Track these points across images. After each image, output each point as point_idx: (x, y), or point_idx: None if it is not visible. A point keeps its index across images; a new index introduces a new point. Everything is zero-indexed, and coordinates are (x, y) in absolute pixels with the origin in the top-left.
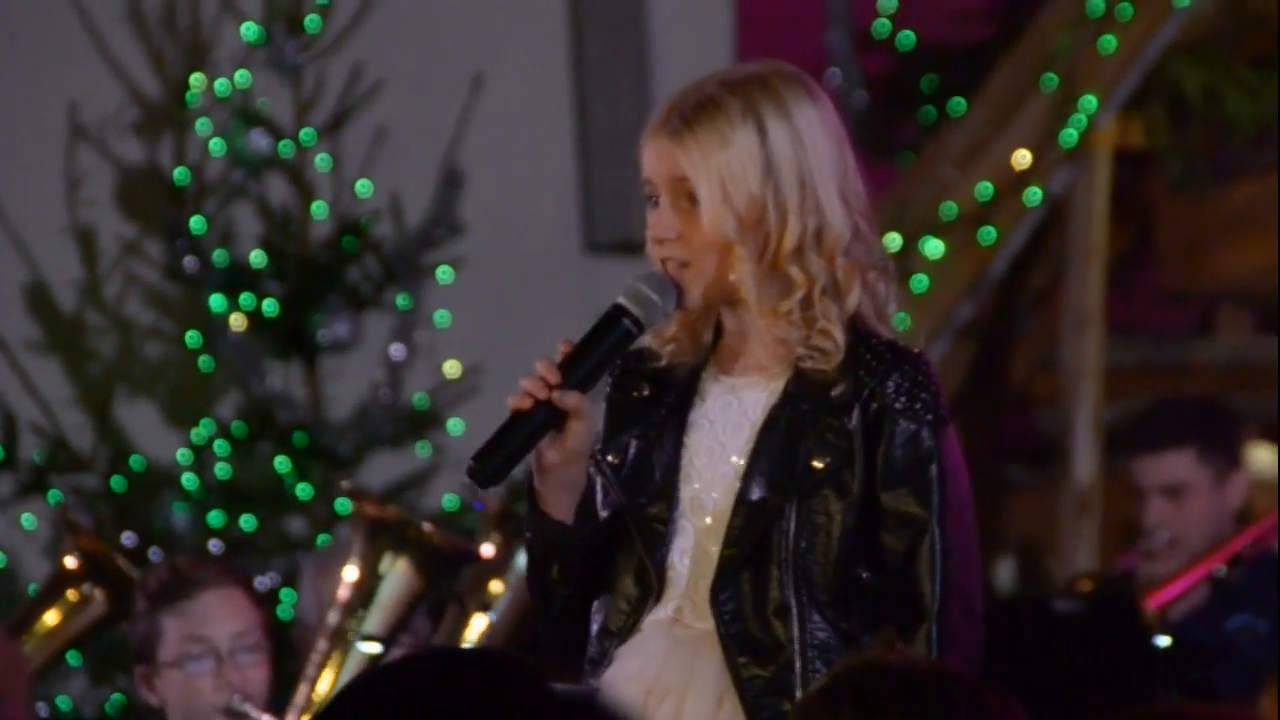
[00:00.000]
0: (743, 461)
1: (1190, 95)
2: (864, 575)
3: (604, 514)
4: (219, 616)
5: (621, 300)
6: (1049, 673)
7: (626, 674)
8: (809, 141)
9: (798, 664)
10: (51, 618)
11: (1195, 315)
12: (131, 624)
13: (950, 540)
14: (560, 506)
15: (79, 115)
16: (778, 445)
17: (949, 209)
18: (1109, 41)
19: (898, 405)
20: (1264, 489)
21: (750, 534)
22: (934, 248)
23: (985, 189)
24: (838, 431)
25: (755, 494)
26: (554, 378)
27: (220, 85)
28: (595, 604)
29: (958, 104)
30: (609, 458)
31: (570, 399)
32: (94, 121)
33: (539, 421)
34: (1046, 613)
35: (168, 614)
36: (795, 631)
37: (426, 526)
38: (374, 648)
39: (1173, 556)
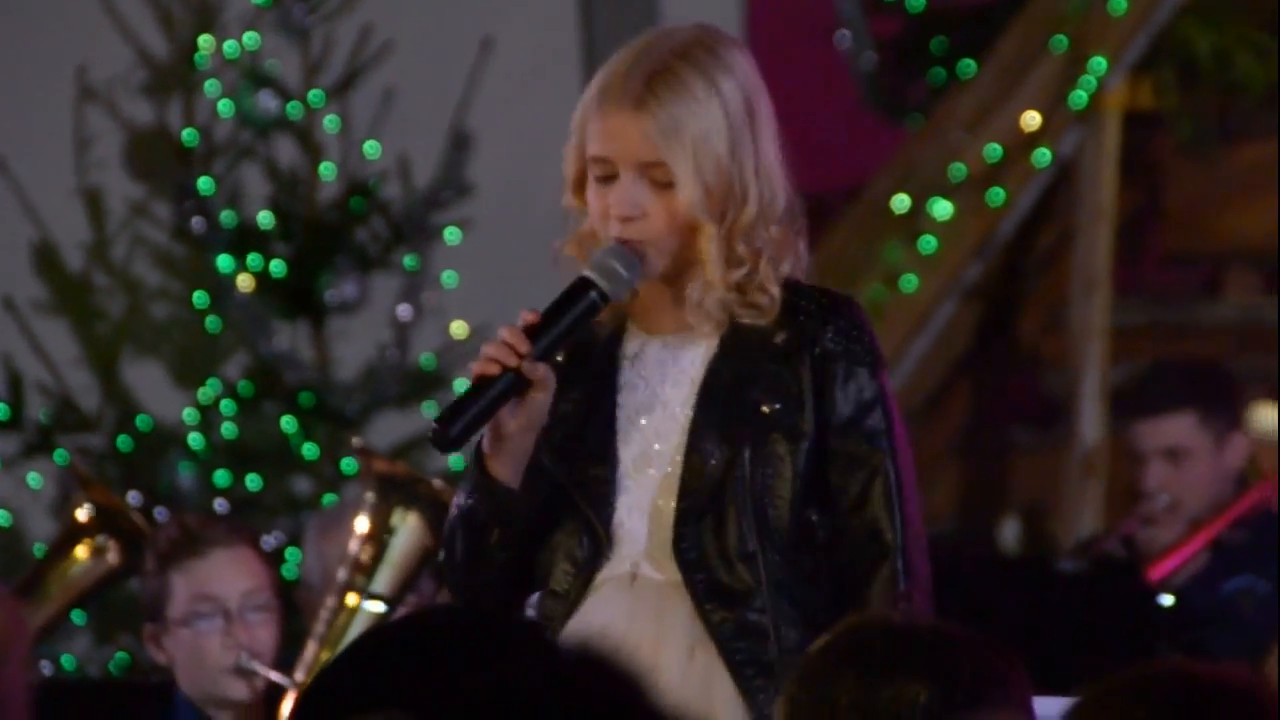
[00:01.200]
0: (689, 412)
1: (1200, 57)
2: (814, 517)
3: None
4: (228, 575)
5: (588, 273)
6: (1051, 632)
7: (593, 631)
8: (755, 103)
9: (768, 606)
10: (64, 570)
11: (1203, 276)
12: (142, 581)
13: (905, 475)
14: (510, 473)
15: (87, 77)
16: (723, 394)
17: (958, 170)
18: (1118, 3)
19: (840, 350)
20: (1269, 449)
21: (706, 484)
22: (943, 209)
23: (994, 150)
24: (785, 376)
25: (706, 444)
26: (524, 347)
27: (229, 46)
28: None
29: (967, 66)
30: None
31: (539, 369)
32: (102, 83)
33: (503, 389)
34: (1050, 573)
35: (177, 572)
36: (762, 574)
37: (437, 483)
38: (379, 606)
39: (1173, 520)
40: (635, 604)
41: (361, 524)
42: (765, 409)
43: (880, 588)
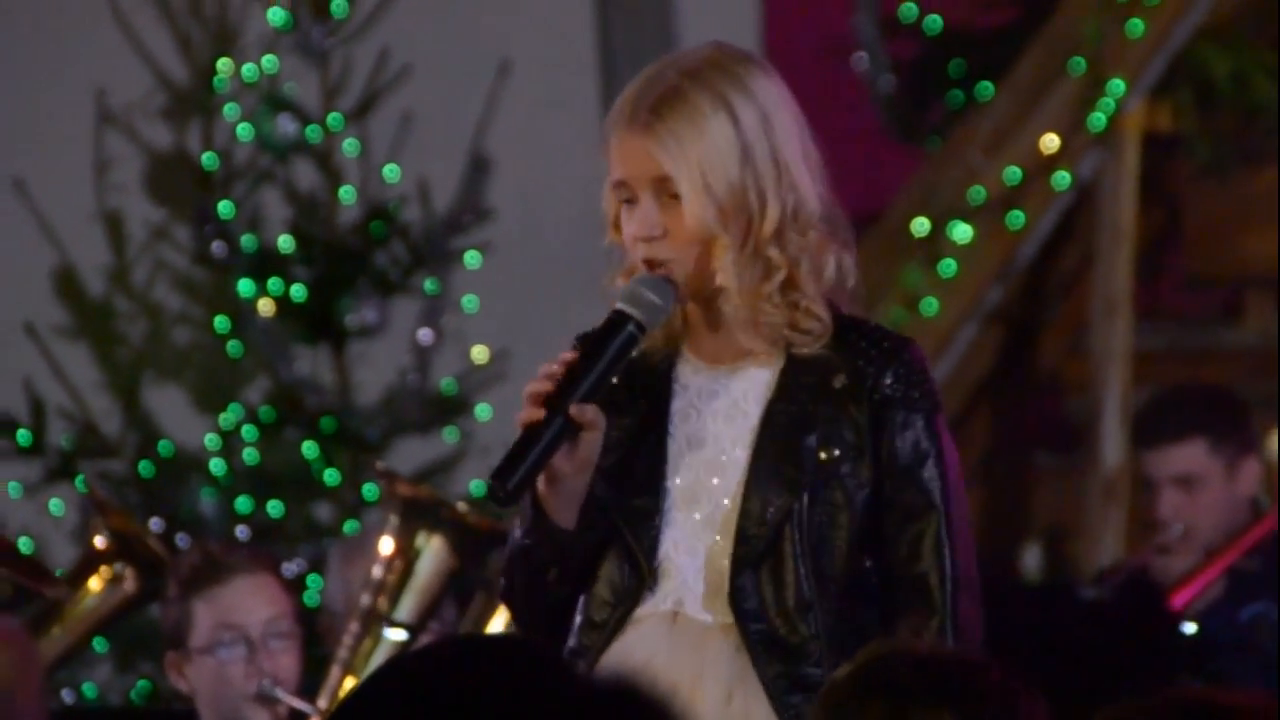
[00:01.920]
0: (743, 453)
1: (1218, 80)
2: (868, 565)
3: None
4: (251, 603)
5: (621, 305)
6: (1073, 659)
7: (633, 666)
8: (775, 119)
9: (824, 660)
10: (82, 598)
11: (1222, 300)
12: (163, 609)
13: (959, 524)
14: (566, 515)
15: (107, 101)
16: (782, 439)
17: (977, 193)
18: (1136, 26)
19: (899, 396)
20: None
21: (765, 531)
22: (962, 232)
23: (1013, 173)
24: (844, 423)
25: (765, 491)
26: (568, 392)
27: (248, 70)
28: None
29: (985, 88)
30: None
31: (588, 413)
32: (122, 107)
33: (554, 436)
34: (1072, 599)
35: (199, 600)
36: (819, 626)
37: (461, 506)
38: (401, 634)
39: (1188, 549)
40: (676, 642)
41: (385, 547)
42: (824, 456)
43: (931, 640)
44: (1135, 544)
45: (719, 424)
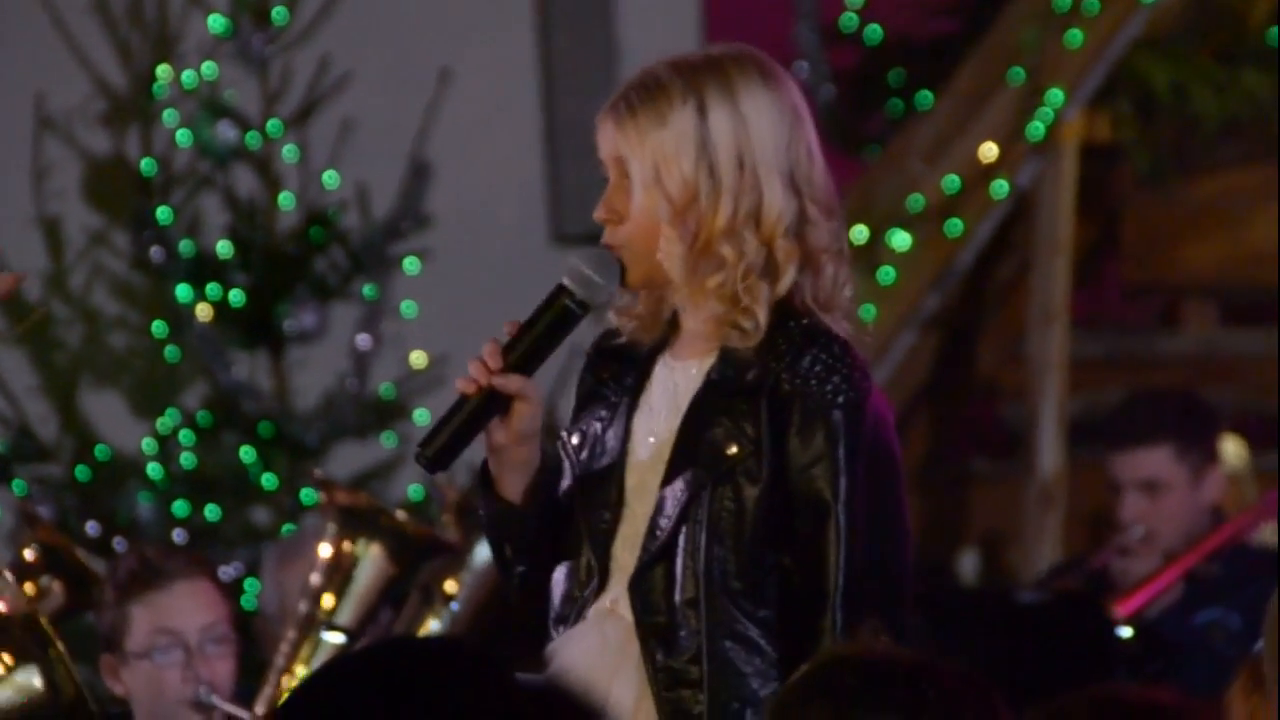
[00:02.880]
0: (668, 449)
1: (1157, 90)
2: (785, 561)
3: (566, 492)
4: (188, 608)
5: (564, 281)
6: (1011, 664)
7: (565, 664)
8: (752, 124)
9: (705, 654)
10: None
11: (1161, 308)
12: (99, 613)
13: (857, 521)
14: (510, 486)
15: (45, 106)
16: (694, 432)
17: (916, 201)
18: (1075, 36)
19: (806, 388)
20: (1231, 482)
21: (667, 526)
22: (901, 240)
23: (952, 182)
24: (748, 416)
25: (674, 482)
26: (496, 362)
27: (187, 77)
28: (554, 587)
29: (925, 97)
30: (572, 439)
31: (512, 383)
32: (60, 112)
33: (481, 406)
34: (1009, 604)
35: (136, 604)
36: (704, 623)
37: (400, 514)
38: (338, 638)
39: (1148, 552)
40: (604, 640)
41: (323, 553)
42: (729, 450)
43: (819, 637)
44: (1072, 550)
45: (661, 420)
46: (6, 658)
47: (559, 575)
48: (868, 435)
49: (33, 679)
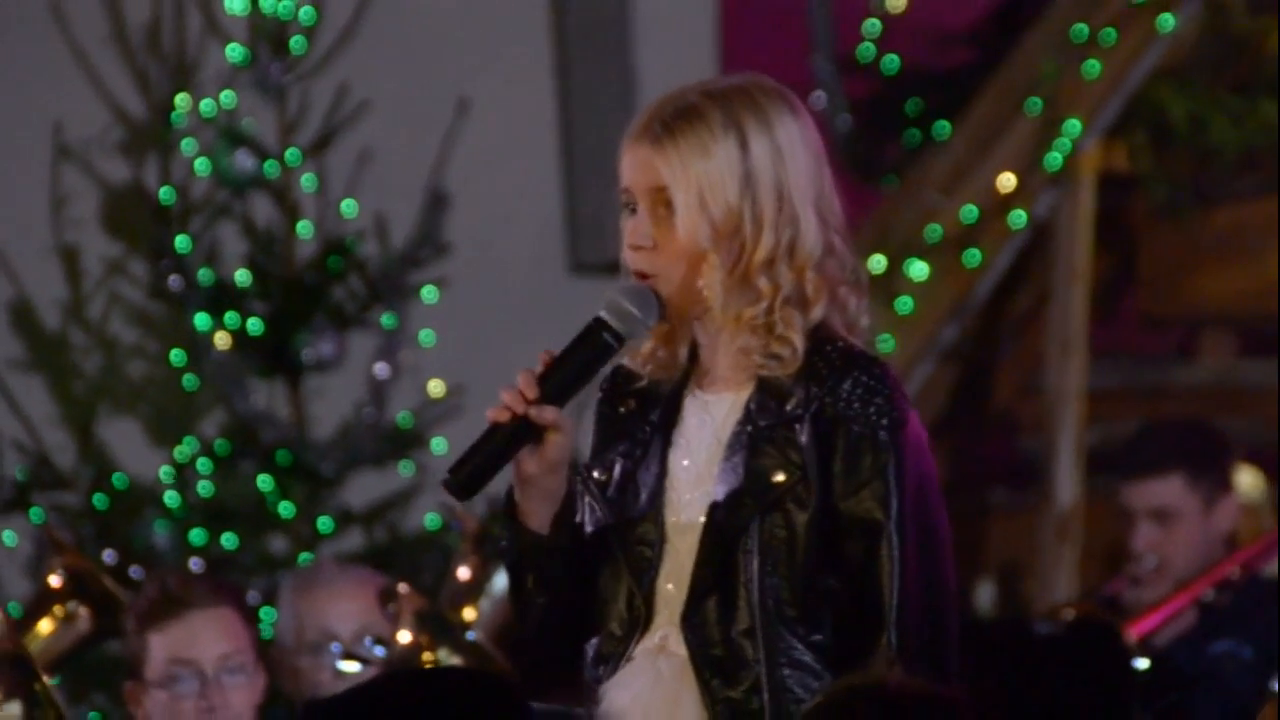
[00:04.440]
0: (710, 481)
1: (1174, 121)
2: (835, 585)
3: (589, 529)
4: (205, 638)
5: (602, 314)
6: (1027, 696)
7: (618, 709)
8: (788, 156)
9: (765, 684)
10: (36, 636)
11: (1178, 339)
12: (124, 640)
13: (909, 544)
14: (537, 517)
15: (64, 135)
16: (738, 462)
17: (933, 231)
18: (1093, 66)
19: (850, 412)
20: (1248, 513)
21: (716, 555)
22: (918, 270)
23: (970, 212)
24: (793, 444)
25: (720, 514)
26: (531, 393)
27: (205, 106)
28: (589, 626)
29: (942, 127)
30: (595, 474)
31: (547, 414)
32: (79, 141)
33: (514, 435)
34: (1026, 635)
35: (155, 633)
36: (762, 652)
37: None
38: (354, 666)
39: (1160, 582)
40: (658, 679)
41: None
42: (776, 479)
43: (876, 659)
44: (1089, 582)
45: (701, 454)
46: None
47: (594, 613)
48: (912, 457)
49: (13, 712)
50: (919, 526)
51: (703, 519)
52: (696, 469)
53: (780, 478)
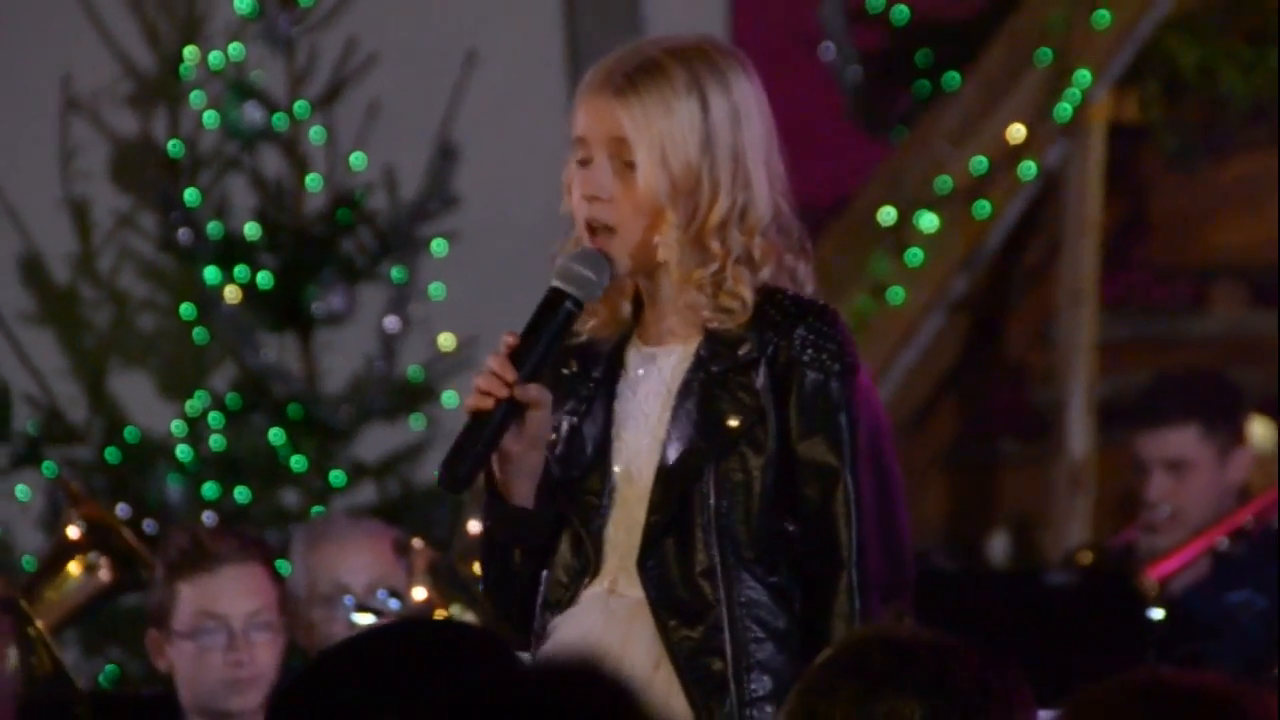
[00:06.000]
0: (664, 430)
1: (1185, 70)
2: (790, 528)
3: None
4: (235, 593)
5: (557, 282)
6: (1041, 646)
7: (566, 645)
8: (744, 119)
9: (726, 623)
10: (57, 587)
11: (1189, 290)
12: (149, 589)
13: (865, 488)
14: (522, 492)
15: (73, 88)
16: (692, 408)
17: (944, 183)
18: (1103, 16)
19: (804, 357)
20: (1262, 464)
21: (671, 499)
22: (929, 222)
23: (980, 163)
24: (748, 389)
25: (672, 459)
26: (510, 374)
27: (214, 58)
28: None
29: (952, 79)
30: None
31: (531, 391)
32: (88, 94)
33: (500, 420)
34: (1039, 586)
35: (184, 583)
36: (722, 592)
37: None
38: (367, 618)
39: (1174, 531)
40: (607, 619)
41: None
42: (731, 422)
43: (837, 600)
44: (1101, 532)
45: (649, 403)
46: None
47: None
48: (865, 402)
49: (9, 656)
50: (874, 470)
51: (655, 466)
52: (644, 417)
53: (734, 422)
